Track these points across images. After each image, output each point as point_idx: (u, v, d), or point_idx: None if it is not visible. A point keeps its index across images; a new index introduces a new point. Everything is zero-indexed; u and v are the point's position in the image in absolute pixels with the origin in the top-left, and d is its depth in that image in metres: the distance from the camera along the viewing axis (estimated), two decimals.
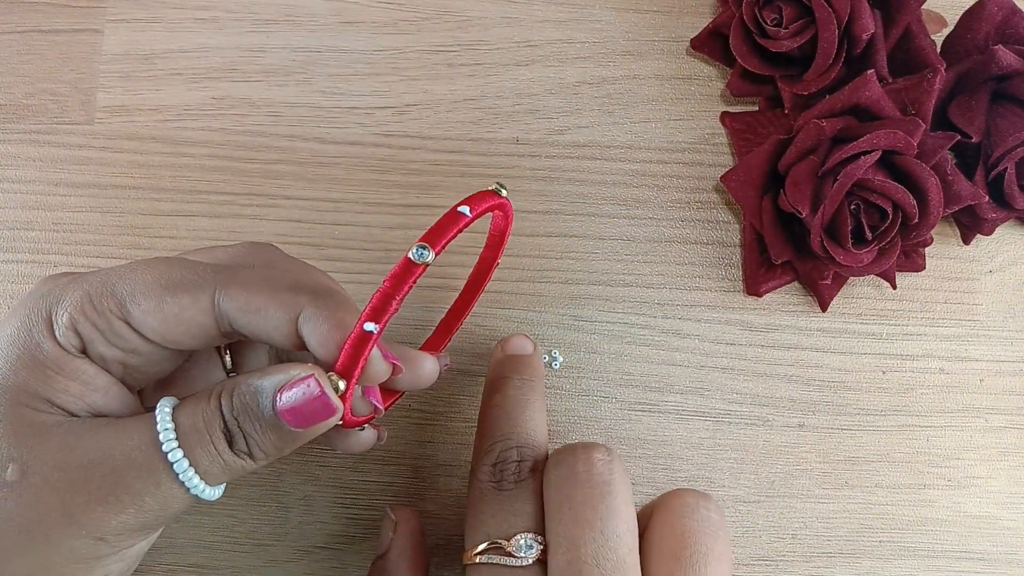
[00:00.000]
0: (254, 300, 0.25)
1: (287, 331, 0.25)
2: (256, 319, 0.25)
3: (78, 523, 0.24)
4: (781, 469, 0.36)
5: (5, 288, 0.36)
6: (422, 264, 0.24)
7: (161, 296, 0.25)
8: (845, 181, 0.33)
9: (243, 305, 0.25)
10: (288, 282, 0.26)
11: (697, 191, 0.38)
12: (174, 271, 0.25)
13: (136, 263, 0.26)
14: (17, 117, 0.38)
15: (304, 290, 0.25)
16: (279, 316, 0.25)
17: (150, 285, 0.25)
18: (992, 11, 0.37)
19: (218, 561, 0.34)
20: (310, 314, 0.25)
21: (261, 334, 0.25)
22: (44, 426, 0.24)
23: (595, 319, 0.37)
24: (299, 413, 0.24)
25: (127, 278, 0.25)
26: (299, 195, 0.37)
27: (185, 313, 0.25)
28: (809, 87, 0.37)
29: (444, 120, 0.38)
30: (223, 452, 0.25)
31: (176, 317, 0.25)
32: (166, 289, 0.25)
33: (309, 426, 0.25)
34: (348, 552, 0.34)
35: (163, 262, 0.26)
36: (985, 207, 0.36)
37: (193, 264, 0.26)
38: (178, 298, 0.25)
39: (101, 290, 0.25)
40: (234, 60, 0.39)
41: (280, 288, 0.25)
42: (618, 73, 0.39)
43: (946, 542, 0.35)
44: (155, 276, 0.25)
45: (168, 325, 0.25)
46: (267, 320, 0.25)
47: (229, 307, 0.25)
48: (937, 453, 0.36)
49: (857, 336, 0.37)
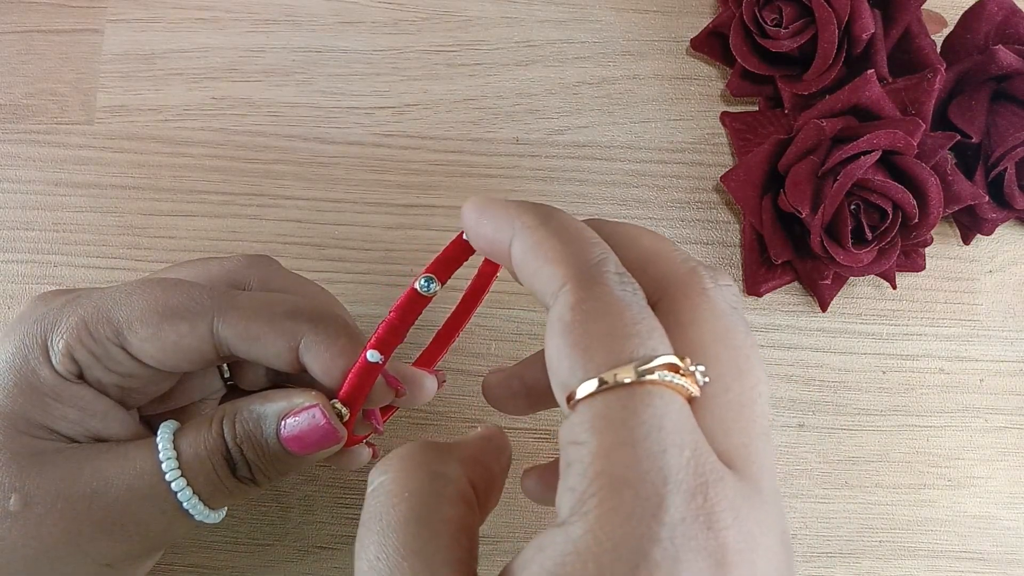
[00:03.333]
0: (253, 328, 0.25)
1: (288, 359, 0.25)
2: (255, 347, 0.25)
3: (84, 552, 0.24)
4: (781, 469, 0.36)
5: (5, 288, 0.36)
6: (429, 296, 0.23)
7: (158, 324, 0.24)
8: (845, 181, 0.33)
9: (242, 333, 0.25)
10: (287, 307, 0.25)
11: (697, 191, 0.38)
12: (170, 297, 0.25)
13: (130, 285, 0.26)
14: (17, 117, 0.38)
15: (303, 316, 0.25)
16: (279, 344, 0.25)
17: (147, 312, 0.25)
18: (992, 11, 0.37)
19: (218, 561, 0.34)
20: (311, 342, 0.24)
21: (261, 360, 0.25)
22: (44, 454, 0.24)
23: None
24: (303, 440, 0.24)
25: (123, 304, 0.25)
26: (299, 195, 0.37)
27: (183, 341, 0.25)
28: (809, 87, 0.37)
29: (444, 120, 0.38)
30: (226, 479, 0.25)
31: (174, 345, 0.25)
32: (163, 317, 0.24)
33: (313, 452, 0.25)
34: (348, 552, 0.34)
35: (158, 286, 0.26)
36: (985, 207, 0.36)
37: (189, 288, 0.26)
38: (175, 326, 0.24)
39: (97, 316, 0.25)
40: (234, 60, 0.39)
41: (278, 314, 0.25)
42: (618, 73, 0.39)
43: (946, 542, 0.35)
44: (151, 302, 0.25)
45: (166, 352, 0.25)
46: (267, 348, 0.25)
47: (228, 335, 0.25)
48: (937, 453, 0.36)
49: (857, 336, 0.37)
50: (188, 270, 0.28)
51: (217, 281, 0.28)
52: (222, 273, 0.28)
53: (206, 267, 0.28)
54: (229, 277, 0.28)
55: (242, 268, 0.28)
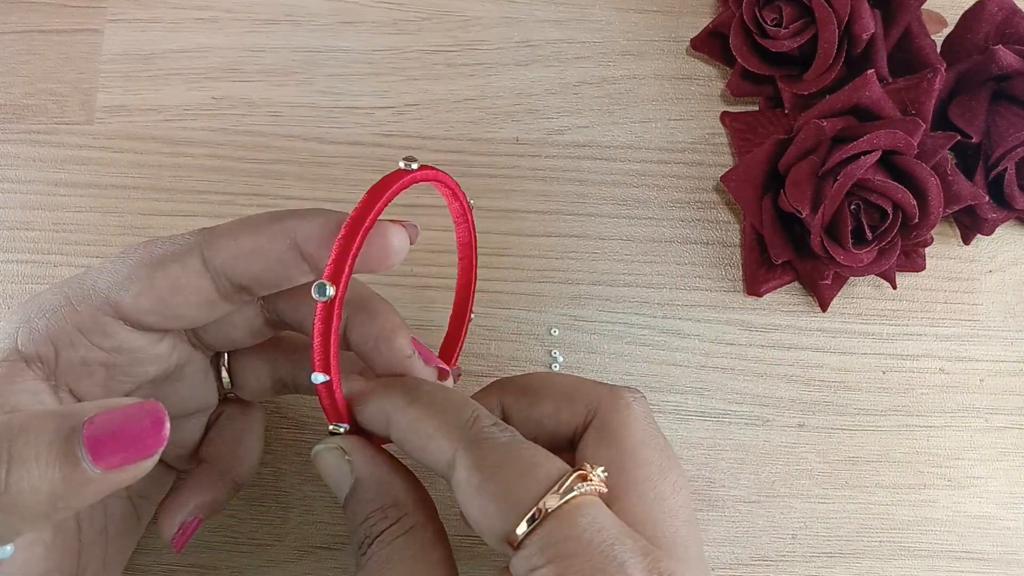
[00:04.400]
0: (244, 242, 0.24)
1: (290, 257, 0.24)
2: (253, 261, 0.24)
3: None
4: (781, 469, 0.36)
5: (5, 288, 0.36)
6: (410, 171, 0.24)
7: (149, 275, 0.24)
8: (845, 181, 0.33)
9: (234, 252, 0.24)
10: (268, 216, 0.25)
11: (697, 191, 0.38)
12: (154, 248, 0.25)
13: (114, 256, 0.25)
14: (17, 117, 0.38)
15: (288, 215, 0.24)
16: (277, 246, 0.24)
17: (134, 268, 0.24)
18: (992, 11, 0.37)
19: (218, 561, 0.34)
20: (304, 229, 0.24)
21: (264, 274, 0.24)
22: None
23: (595, 319, 0.37)
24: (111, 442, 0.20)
25: (107, 272, 0.24)
26: (299, 195, 0.37)
27: (179, 281, 0.24)
28: (809, 87, 0.37)
29: (444, 120, 0.38)
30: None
31: (170, 289, 0.24)
32: (152, 267, 0.24)
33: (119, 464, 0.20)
34: (348, 552, 0.34)
35: (140, 246, 0.25)
36: (985, 207, 0.36)
37: (171, 236, 0.25)
38: (167, 270, 0.24)
39: (80, 291, 0.24)
40: (234, 60, 0.39)
41: (263, 223, 0.24)
42: (618, 73, 0.39)
43: (945, 542, 0.35)
44: (136, 259, 0.24)
45: (164, 301, 0.24)
46: (267, 257, 0.24)
47: (221, 259, 0.24)
48: (937, 453, 0.36)
49: (857, 336, 0.37)
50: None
51: None
52: None
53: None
54: None
55: None
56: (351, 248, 0.23)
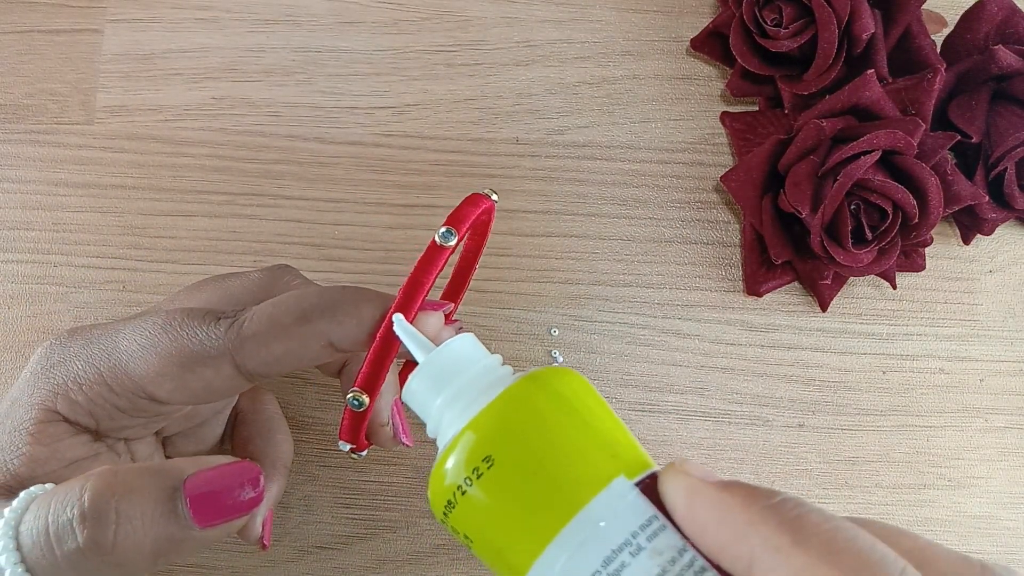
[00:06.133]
0: (275, 349, 0.24)
1: (325, 354, 0.24)
2: (286, 364, 0.24)
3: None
4: (781, 469, 0.36)
5: (5, 288, 0.36)
6: (449, 248, 0.23)
7: (180, 376, 0.24)
8: (845, 181, 0.33)
9: (266, 358, 0.24)
10: (295, 316, 0.24)
11: (697, 191, 0.38)
12: (182, 343, 0.24)
13: (133, 330, 0.25)
14: (17, 117, 0.38)
15: (314, 312, 0.24)
16: (309, 351, 0.24)
17: (165, 365, 0.24)
18: (992, 11, 0.37)
19: (218, 561, 0.34)
20: (337, 330, 0.24)
21: (300, 368, 0.25)
22: None
23: (595, 319, 0.37)
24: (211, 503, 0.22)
25: (137, 357, 0.24)
26: (299, 195, 0.37)
27: (213, 384, 0.24)
28: (809, 87, 0.37)
29: (444, 120, 0.38)
30: None
31: (204, 389, 0.24)
32: (183, 367, 0.24)
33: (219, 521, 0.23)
34: (348, 552, 0.34)
35: (165, 333, 0.24)
36: (985, 207, 0.36)
37: (197, 328, 0.24)
38: (199, 374, 0.24)
39: (114, 372, 0.24)
40: (234, 60, 0.39)
41: (293, 326, 0.24)
42: (618, 73, 0.39)
43: (945, 542, 0.35)
44: (165, 353, 0.24)
45: (198, 396, 0.25)
46: (300, 360, 0.24)
47: (254, 364, 0.24)
48: (937, 453, 0.36)
49: (857, 336, 0.37)
50: (209, 292, 0.28)
51: (239, 300, 0.27)
52: (243, 291, 0.27)
53: (225, 286, 0.28)
54: (251, 294, 0.27)
55: (263, 282, 0.28)
56: (385, 363, 0.23)
